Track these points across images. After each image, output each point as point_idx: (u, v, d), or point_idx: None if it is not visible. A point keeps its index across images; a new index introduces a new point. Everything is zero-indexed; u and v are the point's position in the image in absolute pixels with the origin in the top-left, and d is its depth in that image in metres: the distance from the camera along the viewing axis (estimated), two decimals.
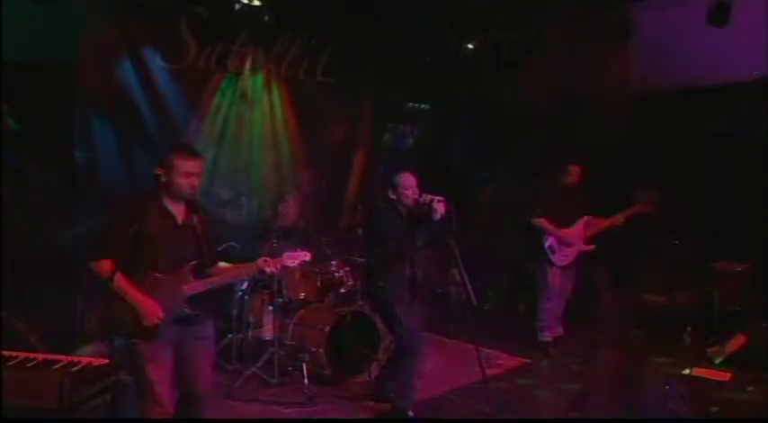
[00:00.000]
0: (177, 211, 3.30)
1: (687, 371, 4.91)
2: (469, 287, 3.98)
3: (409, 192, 4.29)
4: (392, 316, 4.39)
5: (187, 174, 3.22)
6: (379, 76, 7.39)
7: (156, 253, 3.19)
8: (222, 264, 3.49)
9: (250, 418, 4.45)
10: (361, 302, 5.28)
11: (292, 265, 3.43)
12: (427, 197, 4.18)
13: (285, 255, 3.42)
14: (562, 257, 5.77)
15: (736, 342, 5.31)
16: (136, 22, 5.89)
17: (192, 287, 3.25)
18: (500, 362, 5.66)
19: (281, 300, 5.16)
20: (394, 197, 4.34)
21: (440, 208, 4.08)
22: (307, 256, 3.45)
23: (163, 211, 3.26)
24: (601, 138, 6.68)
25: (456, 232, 4.02)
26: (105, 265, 3.09)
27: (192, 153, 3.33)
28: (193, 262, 3.27)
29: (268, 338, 5.20)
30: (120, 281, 3.08)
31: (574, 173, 5.77)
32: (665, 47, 6.28)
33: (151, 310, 3.11)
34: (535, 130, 7.27)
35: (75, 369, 2.67)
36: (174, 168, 3.22)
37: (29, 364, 2.70)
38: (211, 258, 3.40)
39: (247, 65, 6.65)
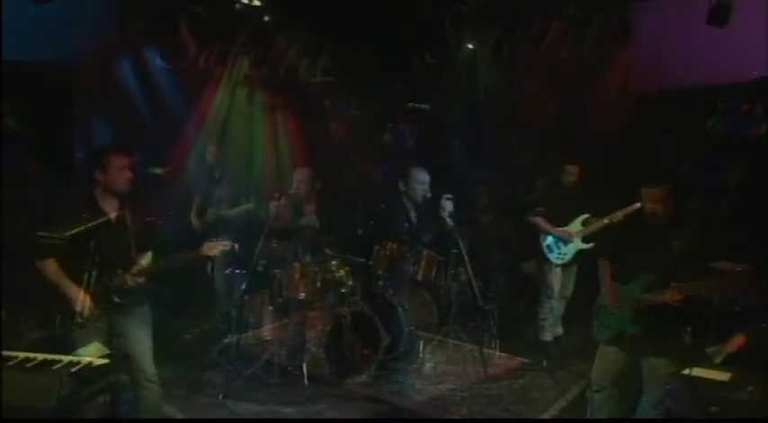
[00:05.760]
0: (110, 207, 3.57)
1: (687, 371, 4.90)
2: (476, 287, 3.98)
3: (420, 187, 4.27)
4: (390, 317, 4.38)
5: (122, 167, 3.54)
6: (379, 76, 7.39)
7: (91, 248, 3.39)
8: (148, 255, 3.70)
9: (250, 419, 4.45)
10: (361, 302, 5.28)
11: (212, 254, 3.69)
12: (436, 194, 4.18)
13: (205, 245, 3.68)
14: (560, 256, 5.77)
15: (736, 342, 5.31)
16: (136, 21, 5.90)
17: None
18: (500, 362, 5.66)
19: (281, 300, 5.16)
20: (404, 190, 4.32)
21: (448, 205, 4.08)
22: (227, 246, 3.72)
23: (97, 209, 3.53)
24: (601, 138, 6.68)
25: (463, 231, 4.01)
26: (50, 264, 3.44)
27: (123, 149, 3.67)
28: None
29: (268, 338, 5.19)
30: (58, 276, 3.43)
31: (570, 172, 5.77)
32: (665, 47, 6.28)
33: (83, 304, 3.39)
34: (535, 129, 7.27)
35: (75, 369, 2.67)
36: (110, 165, 3.52)
37: (29, 364, 2.70)
38: (140, 251, 3.59)
39: (247, 65, 6.66)
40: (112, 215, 3.55)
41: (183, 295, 5.91)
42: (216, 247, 3.68)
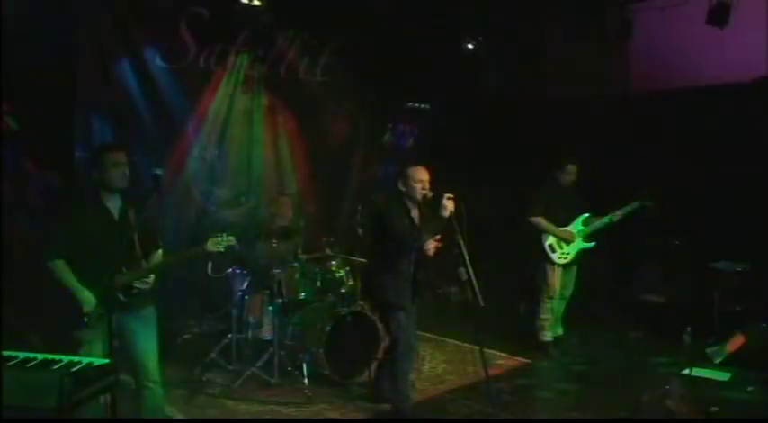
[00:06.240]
0: (113, 207, 3.56)
1: (687, 371, 4.91)
2: (476, 287, 3.96)
3: (419, 185, 4.25)
4: (391, 317, 4.37)
5: (116, 164, 3.50)
6: (379, 76, 7.39)
7: (96, 248, 3.43)
8: (159, 253, 3.73)
9: (250, 418, 4.45)
10: (361, 302, 5.28)
11: (215, 250, 3.65)
12: (437, 193, 4.16)
13: (209, 241, 3.65)
14: (562, 256, 5.77)
15: (736, 342, 5.31)
16: (136, 22, 5.89)
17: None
18: (500, 362, 5.66)
19: (281, 300, 5.16)
20: (403, 189, 4.31)
21: (449, 205, 4.06)
22: (231, 241, 3.69)
23: (101, 209, 3.52)
24: (600, 137, 6.68)
25: (464, 231, 3.99)
26: (59, 265, 3.42)
27: (118, 146, 3.71)
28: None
29: (268, 338, 5.19)
30: (67, 276, 3.41)
31: (571, 172, 5.77)
32: (665, 47, 6.28)
33: (90, 304, 3.39)
34: (535, 129, 7.28)
35: (75, 369, 2.66)
36: (105, 162, 3.50)
37: (29, 364, 2.70)
38: (145, 249, 3.59)
39: (247, 64, 6.65)
40: (116, 213, 3.55)
41: (183, 295, 5.91)
42: (220, 244, 3.67)
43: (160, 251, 3.74)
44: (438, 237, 4.30)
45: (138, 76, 6.00)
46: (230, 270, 5.49)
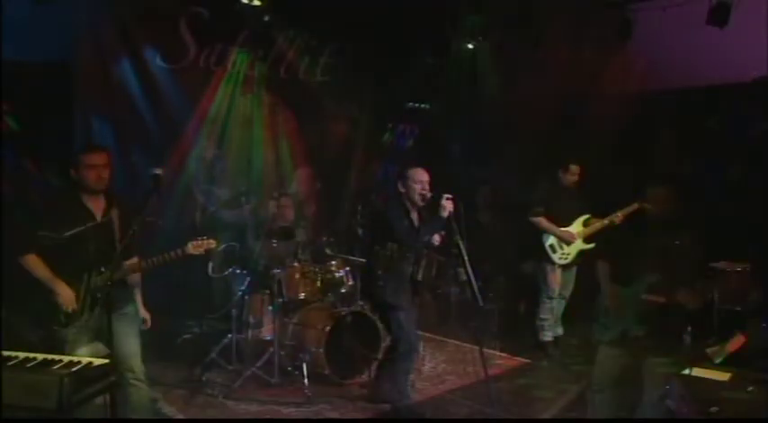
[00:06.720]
0: (96, 207, 3.51)
1: (687, 371, 4.90)
2: (476, 287, 3.96)
3: (418, 187, 4.27)
4: (391, 317, 4.38)
5: (91, 166, 3.44)
6: (379, 76, 7.39)
7: (75, 247, 3.40)
8: (134, 260, 3.62)
9: (250, 419, 4.45)
10: (361, 302, 5.28)
11: (196, 252, 3.60)
12: (436, 194, 4.18)
13: (190, 244, 3.59)
14: (563, 257, 5.77)
15: (736, 342, 5.31)
16: (136, 22, 5.90)
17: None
18: (500, 362, 5.66)
19: (281, 300, 5.16)
20: (403, 190, 4.33)
21: (448, 205, 4.07)
22: (211, 244, 3.65)
23: (81, 208, 3.45)
24: (601, 137, 6.68)
25: (463, 231, 4.00)
26: (32, 260, 3.39)
27: (95, 147, 3.62)
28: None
29: (268, 338, 5.19)
30: (40, 270, 3.38)
31: (574, 172, 5.77)
32: (665, 47, 6.28)
33: (68, 298, 3.38)
34: (535, 129, 7.27)
35: (75, 369, 2.67)
36: (80, 164, 3.45)
37: (29, 364, 2.70)
38: (127, 252, 3.48)
39: (247, 64, 6.66)
40: (98, 214, 3.52)
41: (182, 295, 5.91)
42: (201, 246, 3.60)
43: (135, 259, 3.63)
44: (443, 232, 4.31)
45: (138, 76, 6.00)
46: (230, 270, 5.49)
